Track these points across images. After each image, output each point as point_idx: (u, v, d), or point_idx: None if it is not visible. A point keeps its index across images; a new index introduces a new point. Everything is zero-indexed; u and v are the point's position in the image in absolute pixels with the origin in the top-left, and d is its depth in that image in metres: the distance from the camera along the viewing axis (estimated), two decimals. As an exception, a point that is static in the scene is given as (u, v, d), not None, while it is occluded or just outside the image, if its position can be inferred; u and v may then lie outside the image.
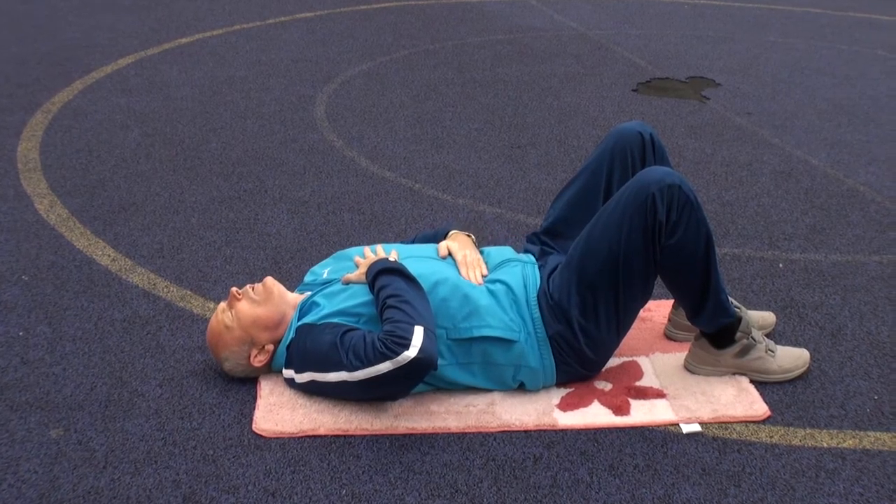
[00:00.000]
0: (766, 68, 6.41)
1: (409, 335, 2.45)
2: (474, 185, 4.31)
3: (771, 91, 5.92)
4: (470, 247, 2.91)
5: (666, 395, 2.78)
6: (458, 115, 5.29)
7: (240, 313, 2.71)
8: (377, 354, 2.46)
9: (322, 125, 5.02)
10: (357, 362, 2.50)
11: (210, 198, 4.09)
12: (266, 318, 2.71)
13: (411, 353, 2.44)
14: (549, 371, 2.72)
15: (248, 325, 2.71)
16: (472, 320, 2.65)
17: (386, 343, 2.46)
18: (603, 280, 2.65)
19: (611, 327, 2.70)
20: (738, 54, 6.70)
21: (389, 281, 2.61)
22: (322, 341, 2.57)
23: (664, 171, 2.62)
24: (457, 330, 2.65)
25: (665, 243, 2.61)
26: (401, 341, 2.45)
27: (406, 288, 2.58)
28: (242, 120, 5.08)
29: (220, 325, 2.73)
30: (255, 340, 2.72)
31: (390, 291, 2.57)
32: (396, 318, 2.49)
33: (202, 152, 4.62)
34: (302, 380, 2.65)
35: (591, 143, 4.85)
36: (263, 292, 2.73)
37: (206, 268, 3.48)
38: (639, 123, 2.95)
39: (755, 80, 6.15)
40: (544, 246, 2.97)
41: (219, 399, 2.74)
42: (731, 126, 5.23)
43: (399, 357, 2.45)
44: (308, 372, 2.62)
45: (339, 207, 4.03)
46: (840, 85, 6.10)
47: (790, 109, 5.56)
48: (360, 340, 2.51)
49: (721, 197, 4.26)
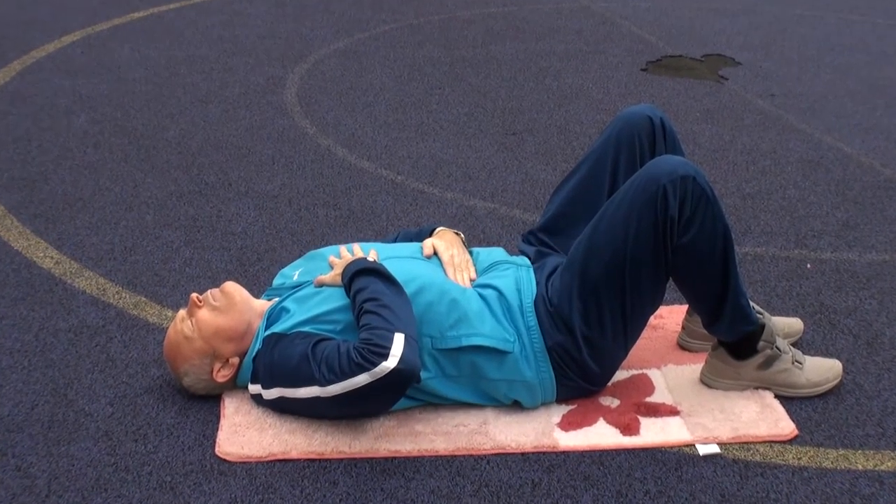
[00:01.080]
0: (792, 44, 6.43)
1: (387, 343, 2.46)
2: (464, 177, 4.31)
3: (797, 70, 5.94)
4: (458, 246, 2.92)
5: (680, 412, 2.78)
6: (446, 98, 5.29)
7: (201, 322, 2.71)
8: (352, 366, 2.47)
9: (293, 110, 5.02)
10: (331, 375, 2.50)
11: (167, 192, 4.08)
12: (230, 327, 2.71)
13: (390, 363, 2.44)
14: (548, 386, 2.73)
15: (210, 336, 2.70)
16: (461, 328, 2.66)
17: (362, 352, 2.46)
18: (608, 284, 2.65)
19: (617, 337, 2.71)
20: (761, 29, 6.72)
21: (367, 283, 2.61)
22: (292, 353, 2.58)
23: (676, 161, 2.63)
24: (443, 339, 2.65)
25: (678, 242, 2.61)
26: (378, 350, 2.45)
27: (385, 291, 2.59)
28: (203, 104, 5.08)
29: (179, 336, 2.72)
30: (218, 353, 2.72)
31: (368, 295, 2.58)
32: (374, 324, 2.50)
33: (158, 141, 4.61)
34: (270, 396, 2.65)
35: (594, 130, 4.86)
36: (224, 299, 2.73)
37: (163, 271, 3.48)
38: (648, 107, 2.96)
39: (779, 57, 6.17)
40: (541, 246, 2.98)
41: (177, 419, 2.73)
42: (753, 109, 5.24)
43: (376, 368, 2.45)
44: (277, 387, 2.62)
45: (313, 202, 4.02)
46: (875, 63, 6.12)
47: (819, 90, 5.58)
48: (334, 351, 2.51)
49: (741, 189, 4.27)
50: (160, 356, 2.98)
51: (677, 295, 3.12)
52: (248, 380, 2.71)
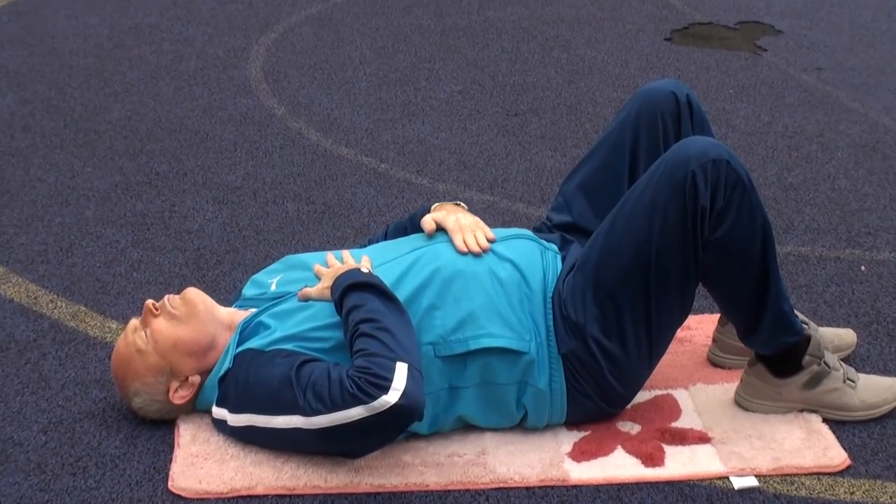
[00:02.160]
0: (842, 11, 6.43)
1: (388, 374, 2.46)
2: (458, 166, 4.32)
3: (848, 40, 5.94)
4: (463, 212, 2.91)
5: (711, 438, 2.78)
6: (437, 73, 5.29)
7: (157, 334, 2.70)
8: (346, 396, 2.47)
9: (258, 87, 5.03)
10: (318, 404, 2.50)
11: (111, 183, 4.08)
12: (191, 340, 2.71)
13: (391, 397, 2.45)
14: (559, 400, 2.74)
15: (167, 350, 2.70)
16: (467, 330, 2.67)
17: (358, 382, 2.46)
18: (629, 288, 2.66)
19: (641, 350, 2.72)
20: (805, -8, 6.74)
21: (362, 300, 2.60)
22: (271, 374, 2.58)
23: (706, 143, 2.64)
24: (447, 344, 2.67)
25: (709, 236, 2.62)
26: (378, 381, 2.45)
27: (384, 310, 2.58)
28: (153, 81, 5.07)
29: (131, 349, 2.72)
30: (176, 370, 2.72)
31: (364, 315, 2.57)
32: (372, 350, 2.50)
33: (100, 124, 4.60)
34: (237, 423, 2.65)
35: (610, 110, 4.86)
36: (184, 306, 2.73)
37: (106, 276, 3.47)
38: (672, 83, 2.98)
39: (827, 25, 6.17)
40: (564, 233, 2.99)
41: (123, 449, 2.72)
42: (796, 86, 5.26)
43: (375, 402, 2.45)
44: (248, 413, 2.63)
45: (282, 195, 4.02)
46: (939, 32, 6.15)
47: (874, 64, 5.59)
48: (324, 376, 2.52)
49: (782, 179, 4.28)
50: (102, 375, 2.98)
51: (707, 302, 3.16)
52: (212, 402, 2.71)
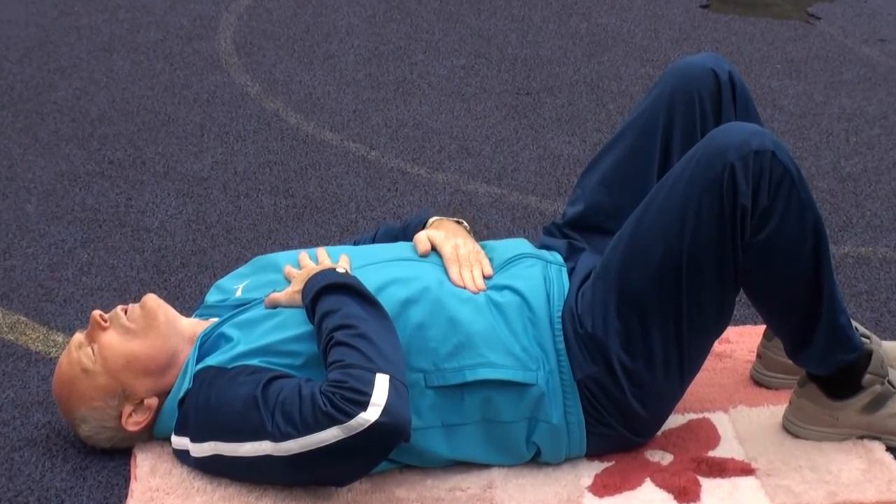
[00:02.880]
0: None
1: (366, 388, 2.45)
2: (461, 153, 4.33)
3: (917, 6, 6.00)
4: (463, 235, 2.91)
5: (755, 470, 2.77)
6: (436, 45, 5.32)
7: (106, 350, 2.69)
8: (319, 416, 2.45)
9: (228, 62, 5.07)
10: (288, 427, 2.48)
11: (56, 173, 4.10)
12: (147, 356, 2.70)
13: (370, 414, 2.43)
14: (577, 433, 2.73)
15: (118, 369, 2.68)
16: (464, 357, 2.67)
17: (332, 398, 2.44)
18: (657, 297, 2.66)
19: (670, 369, 2.71)
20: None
21: (337, 304, 2.60)
22: (234, 395, 2.57)
23: (748, 130, 2.63)
24: (440, 373, 2.67)
25: (752, 239, 2.62)
26: (355, 396, 2.44)
27: (362, 315, 2.59)
28: (107, 54, 5.11)
29: (75, 369, 2.70)
30: (130, 391, 2.70)
31: (339, 321, 2.56)
32: (348, 360, 2.49)
33: (43, 104, 4.64)
34: (201, 453, 2.63)
35: (637, 88, 4.89)
36: (142, 318, 2.72)
37: (50, 281, 3.48)
38: (711, 57, 2.98)
39: (891, -11, 6.21)
40: (572, 239, 3.00)
41: (71, 482, 2.72)
42: (855, 59, 5.29)
43: (352, 421, 2.43)
44: (212, 441, 2.61)
45: (256, 187, 4.04)
46: None
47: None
48: (294, 394, 2.50)
49: (839, 169, 4.29)
50: (46, 396, 2.97)
51: (750, 311, 3.16)
52: (172, 429, 2.69)
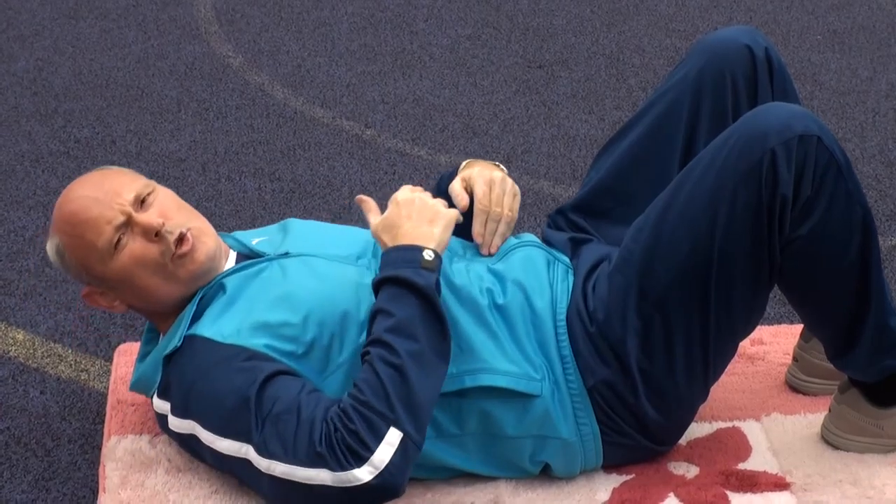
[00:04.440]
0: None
1: (373, 441, 2.43)
2: (466, 132, 4.33)
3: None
4: (497, 171, 2.89)
5: (790, 484, 2.76)
6: (438, 12, 5.33)
7: (127, 255, 2.65)
8: (312, 453, 2.43)
9: (208, 30, 5.07)
10: (276, 447, 2.47)
11: (15, 153, 4.11)
12: (156, 296, 2.70)
13: (363, 474, 2.41)
14: (592, 446, 2.73)
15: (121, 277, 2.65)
16: (463, 362, 2.66)
17: (332, 439, 2.43)
18: (682, 295, 2.65)
19: (693, 372, 2.70)
20: None
21: (396, 308, 2.55)
22: (225, 384, 2.55)
23: (791, 112, 2.60)
24: (437, 380, 2.67)
25: (791, 234, 2.60)
26: (356, 447, 2.42)
27: (415, 335, 2.53)
28: (73, 22, 5.12)
29: (101, 220, 2.64)
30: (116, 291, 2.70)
31: (385, 334, 2.52)
32: (368, 397, 2.45)
33: (1, 77, 4.65)
34: (179, 428, 2.63)
35: (661, 61, 4.91)
36: (183, 266, 2.68)
37: (9, 272, 3.50)
38: (747, 31, 2.94)
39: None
40: (574, 231, 3.00)
41: (33, 494, 2.74)
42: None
43: (343, 473, 2.42)
44: (192, 421, 2.60)
45: (239, 169, 4.05)
46: None
47: None
48: (292, 412, 2.48)
49: (886, 152, 4.29)
50: (4, 399, 3.01)
51: (786, 309, 3.26)
52: (153, 385, 2.68)
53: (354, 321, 2.62)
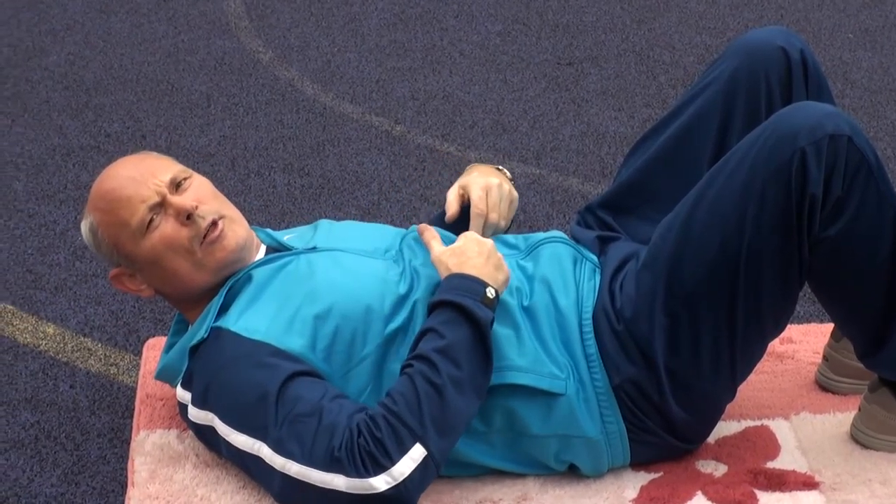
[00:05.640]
0: None
1: (397, 454, 2.46)
2: (495, 129, 4.33)
3: None
4: (497, 177, 2.93)
5: (819, 483, 2.77)
6: (468, 9, 5.31)
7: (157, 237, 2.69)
8: (329, 457, 2.46)
9: (238, 25, 5.06)
10: (293, 447, 2.50)
11: (47, 147, 4.12)
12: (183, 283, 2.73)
13: (379, 483, 2.44)
14: (618, 444, 2.75)
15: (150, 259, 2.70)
16: None
17: (354, 444, 2.46)
18: (711, 294, 2.66)
19: (720, 371, 2.72)
20: None
21: (449, 331, 2.57)
22: (247, 379, 2.58)
23: (821, 111, 2.61)
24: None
25: (821, 234, 2.61)
26: (378, 456, 2.45)
27: (459, 361, 2.54)
28: (103, 16, 5.10)
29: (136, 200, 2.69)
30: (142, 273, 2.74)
31: (431, 352, 2.54)
32: (400, 409, 2.48)
33: (33, 71, 4.64)
34: (199, 419, 2.67)
35: (692, 59, 4.88)
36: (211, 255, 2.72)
37: (41, 266, 3.51)
38: (781, 33, 2.94)
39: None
40: (602, 229, 3.02)
41: (62, 487, 2.74)
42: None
43: (359, 481, 2.45)
44: (211, 413, 2.64)
45: (268, 164, 4.06)
46: None
47: None
48: (314, 415, 2.51)
49: None
50: (35, 394, 3.01)
51: (816, 308, 3.18)
52: (178, 376, 2.72)
53: (378, 315, 2.64)
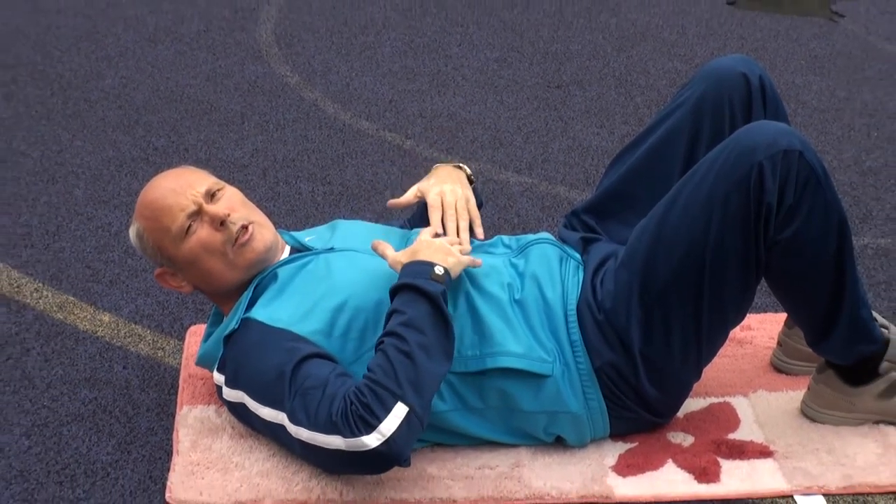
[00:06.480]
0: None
1: (382, 412, 2.47)
2: (493, 143, 4.32)
3: (938, 5, 5.90)
4: (454, 181, 2.93)
5: (773, 452, 2.79)
6: (470, 38, 5.29)
7: (195, 240, 2.72)
8: (328, 423, 2.49)
9: (269, 52, 5.05)
10: (302, 416, 2.53)
11: (103, 159, 4.10)
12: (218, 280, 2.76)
13: (371, 440, 2.46)
14: (599, 418, 2.77)
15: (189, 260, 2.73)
16: (484, 346, 2.70)
17: (347, 410, 2.48)
18: (680, 287, 2.67)
19: (687, 356, 2.74)
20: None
21: (410, 307, 2.58)
22: (270, 361, 2.61)
23: (777, 130, 2.62)
24: (463, 361, 2.68)
25: (775, 237, 2.62)
26: (367, 417, 2.46)
27: (422, 329, 2.56)
28: (151, 45, 5.08)
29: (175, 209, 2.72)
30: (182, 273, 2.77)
31: (398, 326, 2.56)
32: (379, 376, 2.50)
33: (91, 92, 4.62)
34: (232, 397, 2.70)
35: (664, 82, 4.88)
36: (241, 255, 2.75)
37: (97, 262, 3.50)
38: (742, 60, 2.96)
39: (914, -12, 6.12)
40: (586, 231, 3.02)
41: (116, 455, 2.74)
42: (878, 56, 5.22)
43: (353, 440, 2.47)
44: (241, 391, 2.67)
45: (295, 174, 4.04)
46: None
47: (967, 33, 5.54)
48: (318, 388, 2.53)
49: (860, 163, 4.26)
50: (93, 374, 3.00)
51: (772, 300, 3.16)
52: (215, 361, 2.74)
53: (387, 307, 2.64)
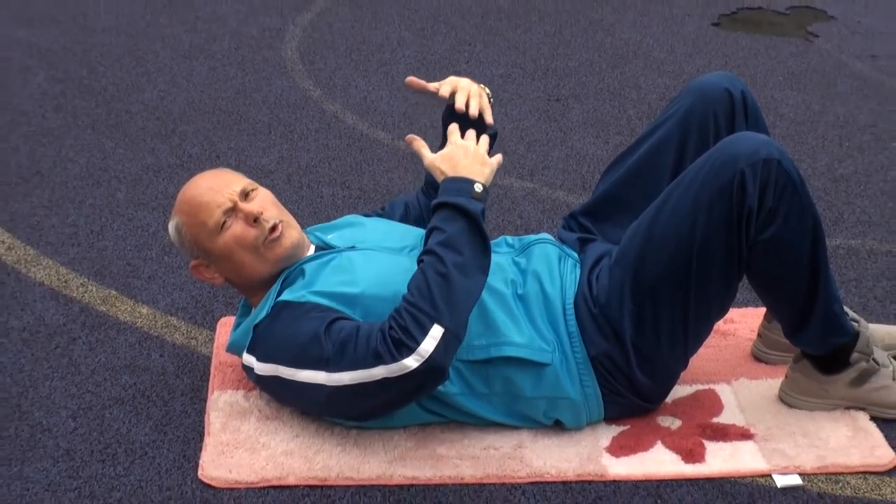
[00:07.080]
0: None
1: (420, 334, 2.46)
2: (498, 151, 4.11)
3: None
4: (465, 81, 2.98)
5: (754, 435, 2.79)
6: (477, 56, 5.29)
7: (229, 236, 2.72)
8: (370, 354, 2.47)
9: (294, 68, 5.04)
10: (342, 360, 2.51)
11: (142, 165, 4.10)
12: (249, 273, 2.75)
13: (411, 362, 2.45)
14: (595, 403, 2.77)
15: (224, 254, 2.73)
16: (489, 337, 2.69)
17: (385, 339, 2.46)
18: (668, 284, 2.67)
19: (675, 346, 2.74)
20: (860, -25, 6.68)
21: (450, 226, 2.57)
22: (302, 328, 2.60)
23: (758, 140, 2.63)
24: (470, 350, 2.67)
25: (756, 238, 2.63)
26: (406, 340, 2.45)
27: (459, 248, 2.55)
28: (187, 61, 5.09)
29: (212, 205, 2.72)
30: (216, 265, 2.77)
31: (436, 246, 2.55)
32: (417, 298, 2.49)
33: (132, 104, 4.62)
34: (264, 371, 2.67)
35: (654, 96, 4.87)
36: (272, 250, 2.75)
37: (137, 259, 3.49)
38: (725, 76, 2.96)
39: (883, 11, 6.10)
40: (583, 232, 3.02)
41: (153, 436, 2.75)
42: (849, 74, 5.22)
43: (395, 364, 2.46)
44: (274, 363, 2.65)
45: (317, 179, 4.04)
46: None
47: (931, 52, 5.53)
48: (352, 332, 2.52)
49: (833, 170, 4.25)
50: (133, 361, 3.00)
51: (752, 295, 3.14)
52: (244, 347, 2.73)
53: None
